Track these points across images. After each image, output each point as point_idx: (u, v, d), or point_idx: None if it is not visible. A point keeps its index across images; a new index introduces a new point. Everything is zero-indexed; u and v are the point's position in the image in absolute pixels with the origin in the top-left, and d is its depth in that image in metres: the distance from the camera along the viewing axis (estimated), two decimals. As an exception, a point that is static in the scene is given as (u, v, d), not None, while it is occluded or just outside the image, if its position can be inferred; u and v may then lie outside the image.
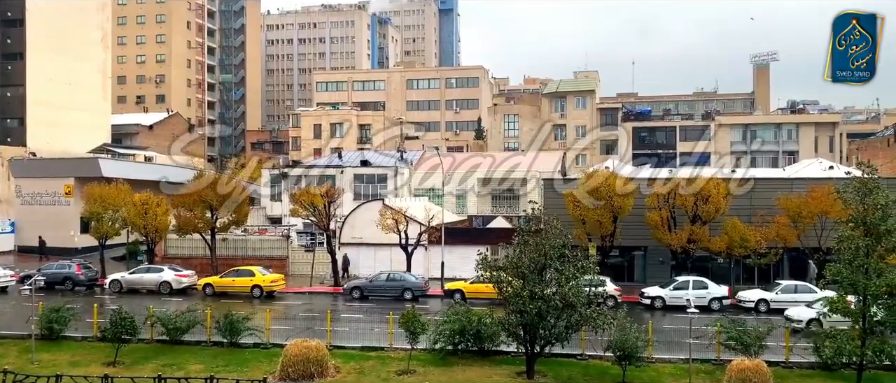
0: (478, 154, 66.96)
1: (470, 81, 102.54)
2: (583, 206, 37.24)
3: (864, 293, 19.30)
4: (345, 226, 45.47)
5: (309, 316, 32.01)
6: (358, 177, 55.31)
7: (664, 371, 22.60)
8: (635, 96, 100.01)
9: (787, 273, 38.83)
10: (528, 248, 21.64)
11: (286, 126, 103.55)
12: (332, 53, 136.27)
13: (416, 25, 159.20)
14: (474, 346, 23.87)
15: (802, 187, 37.78)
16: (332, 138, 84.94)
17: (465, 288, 35.93)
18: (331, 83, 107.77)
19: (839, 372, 21.42)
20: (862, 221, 19.62)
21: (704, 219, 36.98)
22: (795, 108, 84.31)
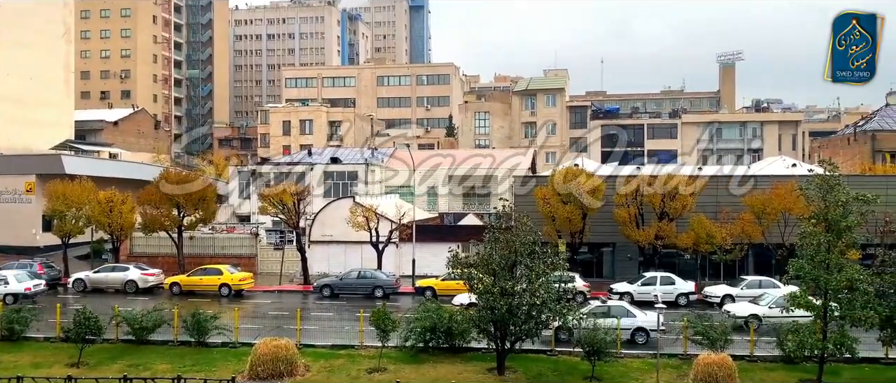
0: (449, 151, 67.04)
1: (441, 78, 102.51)
2: (553, 203, 37.53)
3: (826, 288, 19.76)
4: (315, 223, 45.16)
5: (278, 315, 31.73)
6: (328, 175, 54.93)
7: (633, 365, 22.90)
8: (604, 95, 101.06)
9: (752, 268, 39.60)
10: (498, 245, 21.74)
11: (255, 123, 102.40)
12: (301, 49, 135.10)
13: (386, 22, 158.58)
14: (445, 343, 23.91)
15: (767, 184, 38.55)
16: (302, 135, 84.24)
17: (437, 285, 35.98)
18: (300, 79, 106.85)
19: (801, 365, 21.91)
20: (823, 218, 20.07)
21: (671, 215, 37.53)
22: (760, 107, 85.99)
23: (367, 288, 37.20)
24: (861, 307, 19.49)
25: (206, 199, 42.44)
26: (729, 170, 46.72)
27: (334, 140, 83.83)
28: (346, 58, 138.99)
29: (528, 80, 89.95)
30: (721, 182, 40.61)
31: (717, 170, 47.13)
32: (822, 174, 20.90)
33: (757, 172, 45.38)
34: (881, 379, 21.98)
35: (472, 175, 55.11)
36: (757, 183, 39.34)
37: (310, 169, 54.75)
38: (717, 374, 19.94)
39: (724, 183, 40.55)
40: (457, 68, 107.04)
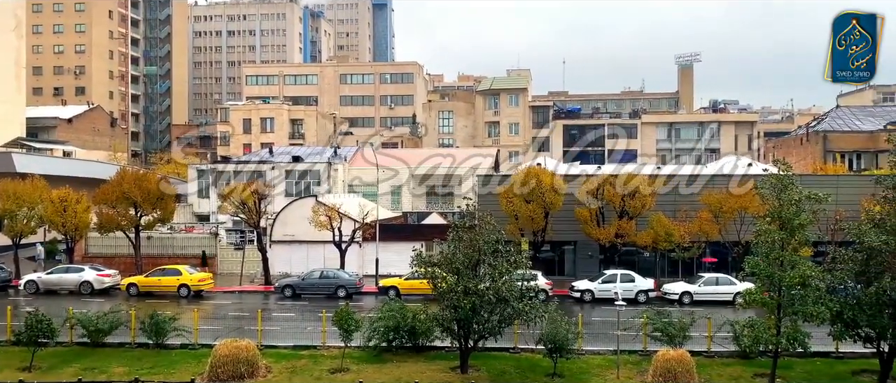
0: (412, 150, 66.94)
1: (405, 77, 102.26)
2: (516, 202, 37.79)
3: (780, 284, 20.29)
4: (276, 223, 44.69)
5: (239, 316, 31.34)
6: (290, 174, 54.38)
7: (593, 362, 23.20)
8: (566, 95, 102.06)
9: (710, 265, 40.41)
10: (462, 244, 21.81)
11: (214, 120, 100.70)
12: (262, 46, 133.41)
13: (349, 20, 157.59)
14: (409, 342, 23.90)
15: (724, 183, 39.39)
16: (263, 133, 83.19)
17: (400, 284, 35.92)
18: (261, 77, 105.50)
19: (756, 360, 22.48)
20: (777, 216, 20.60)
21: (631, 214, 38.11)
22: (717, 108, 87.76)
23: (329, 288, 36.93)
24: (813, 303, 20.06)
25: (165, 199, 41.66)
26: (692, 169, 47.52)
27: (296, 138, 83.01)
28: (309, 55, 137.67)
29: (491, 80, 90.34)
30: (681, 181, 41.33)
31: (674, 170, 48.01)
32: (776, 173, 21.44)
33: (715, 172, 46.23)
34: (831, 372, 22.69)
35: (436, 174, 55.13)
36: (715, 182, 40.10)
37: (271, 167, 54.14)
38: (676, 370, 20.34)
39: (682, 182, 41.28)
40: (421, 67, 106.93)
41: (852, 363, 23.24)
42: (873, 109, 61.97)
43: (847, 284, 21.48)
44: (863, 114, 58.55)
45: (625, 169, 42.21)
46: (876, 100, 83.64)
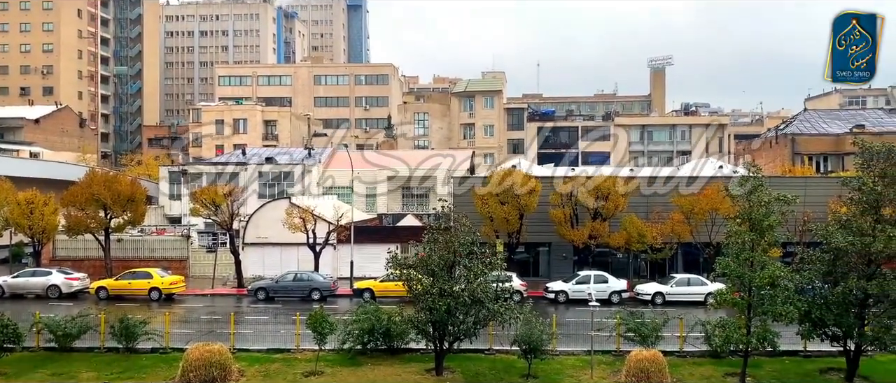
0: (388, 151, 66.78)
1: (380, 78, 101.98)
2: (491, 204, 37.89)
3: (750, 284, 20.62)
4: (249, 225, 44.28)
5: (211, 319, 30.97)
6: (263, 175, 53.93)
7: (567, 363, 23.34)
8: (540, 97, 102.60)
9: (681, 266, 40.95)
10: (437, 246, 21.81)
11: (186, 121, 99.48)
12: (235, 47, 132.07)
13: (323, 21, 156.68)
14: (384, 345, 23.82)
15: (695, 185, 39.90)
16: (236, 134, 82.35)
17: (375, 286, 35.79)
18: (234, 77, 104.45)
19: (727, 359, 22.81)
20: (747, 217, 20.94)
21: (604, 215, 38.45)
22: (688, 110, 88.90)
23: (303, 291, 36.67)
24: (782, 302, 20.43)
25: (135, 200, 41.04)
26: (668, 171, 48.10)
27: (270, 140, 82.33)
28: (282, 56, 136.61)
29: (466, 82, 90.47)
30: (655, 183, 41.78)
31: (653, 172, 48.59)
32: (746, 175, 21.79)
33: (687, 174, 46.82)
34: (800, 371, 23.10)
35: (411, 176, 55.07)
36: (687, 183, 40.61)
37: (244, 169, 53.62)
38: (649, 370, 20.55)
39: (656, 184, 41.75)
40: (396, 68, 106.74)
41: (820, 361, 23.68)
42: (839, 113, 63.28)
43: (815, 284, 21.94)
44: (829, 117, 59.76)
45: (600, 171, 42.58)
46: (842, 103, 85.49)
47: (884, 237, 20.32)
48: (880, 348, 21.39)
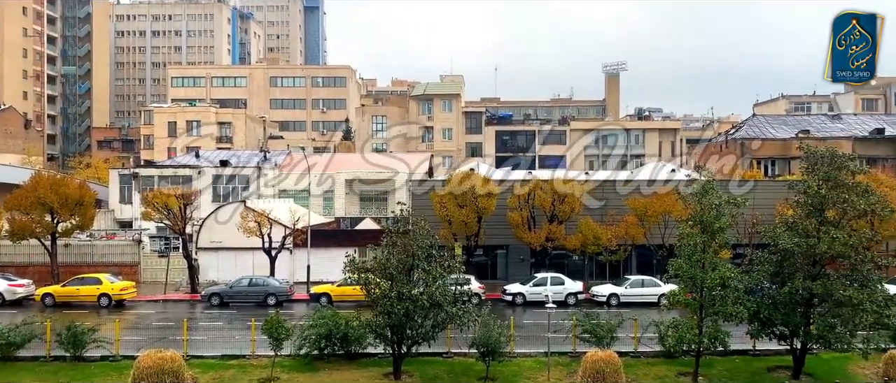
0: (345, 154, 66.34)
1: (337, 81, 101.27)
2: (449, 207, 37.97)
3: (702, 285, 21.13)
4: (203, 229, 43.49)
5: (164, 326, 30.31)
6: (217, 178, 52.97)
7: (525, 364, 23.53)
8: (498, 101, 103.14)
9: (636, 268, 41.69)
10: (396, 249, 21.76)
11: (138, 123, 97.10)
12: (188, 47, 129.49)
13: (280, 22, 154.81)
14: (341, 350, 23.65)
15: (649, 188, 40.67)
16: (189, 137, 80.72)
17: (332, 291, 35.52)
18: (187, 78, 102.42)
19: (680, 359, 23.31)
20: (699, 220, 21.46)
21: (561, 218, 38.91)
22: (642, 115, 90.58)
23: (259, 296, 36.16)
24: (732, 303, 20.99)
25: (84, 204, 39.87)
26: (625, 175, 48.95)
27: (224, 142, 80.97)
28: (237, 57, 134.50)
29: (425, 85, 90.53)
30: (607, 186, 42.47)
31: (607, 175, 49.38)
32: (697, 179, 22.34)
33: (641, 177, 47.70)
34: (749, 369, 23.76)
35: (369, 179, 54.82)
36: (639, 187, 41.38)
37: (198, 172, 52.64)
38: (605, 370, 20.87)
39: (610, 187, 42.45)
40: (353, 71, 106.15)
41: (768, 360, 24.39)
42: (786, 118, 65.28)
43: (763, 285, 22.61)
44: (777, 122, 61.63)
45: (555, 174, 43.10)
46: (788, 109, 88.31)
47: (827, 238, 21.07)
48: (824, 346, 22.15)
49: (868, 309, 20.68)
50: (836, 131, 56.78)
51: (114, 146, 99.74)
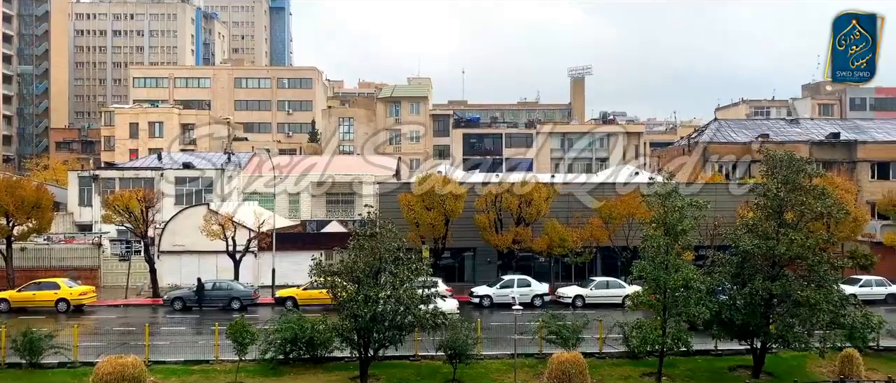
0: (312, 156, 65.78)
1: (303, 82, 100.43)
2: (417, 210, 37.92)
3: (665, 287, 21.46)
4: (165, 232, 42.77)
5: (125, 331, 29.70)
6: (180, 181, 52.07)
7: (492, 366, 23.61)
8: (465, 104, 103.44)
9: (601, 270, 42.13)
10: (363, 252, 21.66)
11: (98, 124, 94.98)
12: (151, 48, 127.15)
13: (245, 22, 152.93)
14: (307, 354, 23.43)
15: (613, 191, 41.18)
16: (151, 138, 79.30)
17: (298, 294, 35.21)
18: (150, 79, 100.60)
19: (644, 360, 23.63)
20: (662, 222, 21.80)
21: (528, 220, 39.15)
22: (606, 119, 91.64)
23: (223, 300, 35.69)
24: (695, 303, 21.37)
25: (41, 207, 38.81)
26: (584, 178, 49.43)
27: (187, 144, 79.68)
28: (201, 58, 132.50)
29: (392, 88, 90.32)
30: (573, 188, 42.84)
31: (573, 178, 49.83)
32: (660, 182, 22.69)
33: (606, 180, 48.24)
34: (711, 368, 24.20)
35: (336, 181, 54.46)
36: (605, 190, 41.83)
37: (160, 174, 51.73)
38: (570, 371, 21.05)
39: (575, 189, 42.81)
40: (320, 72, 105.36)
41: (730, 360, 24.87)
42: (746, 122, 66.68)
43: (725, 286, 23.05)
44: (738, 126, 62.85)
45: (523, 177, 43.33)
46: (748, 114, 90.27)
47: (786, 240, 21.58)
48: (783, 345, 22.68)
49: (825, 308, 21.23)
50: (794, 135, 58.12)
51: (73, 147, 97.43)
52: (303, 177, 53.92)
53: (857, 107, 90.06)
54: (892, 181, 49.60)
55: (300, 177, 53.85)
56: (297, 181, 53.68)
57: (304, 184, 54.03)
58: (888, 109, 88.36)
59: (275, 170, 46.56)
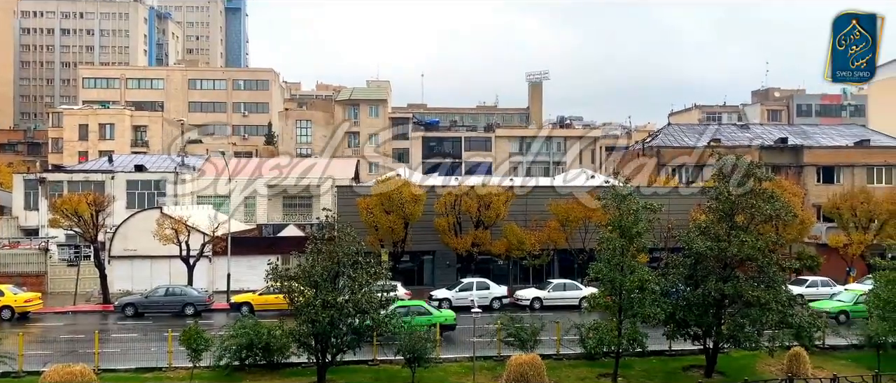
0: (269, 159, 64.90)
1: (260, 84, 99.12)
2: (376, 213, 37.76)
3: (621, 288, 21.79)
4: (116, 237, 41.69)
5: (73, 338, 28.81)
6: (132, 184, 50.78)
7: (451, 369, 23.62)
8: (425, 107, 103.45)
9: (558, 272, 42.56)
10: (321, 257, 21.44)
11: (45, 126, 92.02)
12: (102, 47, 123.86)
13: (200, 22, 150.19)
14: (263, 360, 23.09)
15: (570, 194, 41.63)
16: (102, 140, 77.20)
17: (254, 300, 34.68)
18: (100, 79, 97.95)
19: (600, 361, 23.95)
20: (618, 225, 22.14)
21: (486, 224, 39.34)
22: (563, 123, 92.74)
23: (176, 306, 34.94)
24: (650, 305, 21.75)
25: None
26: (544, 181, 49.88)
27: (140, 146, 77.81)
28: (154, 58, 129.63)
29: (351, 90, 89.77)
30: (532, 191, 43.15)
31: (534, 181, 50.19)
32: (616, 185, 23.06)
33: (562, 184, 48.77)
34: (666, 368, 24.65)
35: (294, 184, 53.81)
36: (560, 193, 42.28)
37: (111, 177, 50.37)
38: (528, 373, 21.20)
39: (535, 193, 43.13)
40: (276, 74, 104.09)
41: (683, 359, 25.37)
42: (698, 127, 68.14)
43: (678, 287, 23.52)
44: (690, 131, 64.26)
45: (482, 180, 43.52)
46: (701, 118, 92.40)
47: (737, 242, 22.14)
48: (735, 345, 23.25)
49: (774, 308, 21.85)
50: (744, 140, 59.63)
51: (18, 149, 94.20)
52: (259, 180, 53.16)
53: (804, 113, 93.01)
54: (836, 185, 51.33)
55: (256, 179, 53.07)
56: (253, 184, 52.89)
57: (261, 186, 53.28)
58: (832, 115, 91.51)
59: (230, 172, 45.78)
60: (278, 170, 55.29)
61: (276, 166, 56.73)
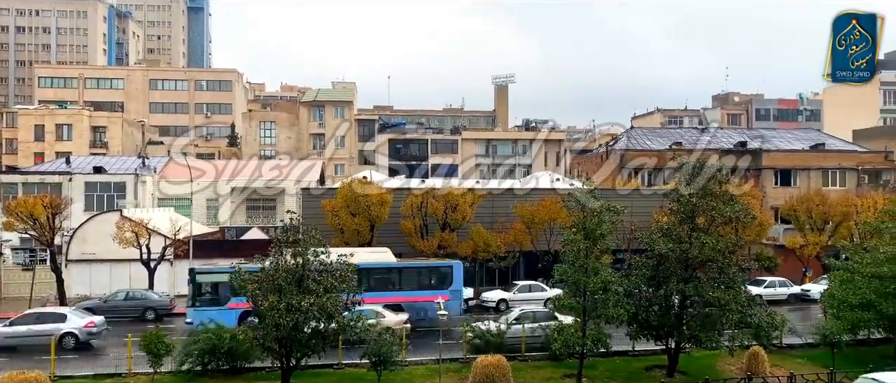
0: (232, 160, 64.05)
1: (223, 85, 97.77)
2: (341, 216, 37.51)
3: (585, 289, 22.02)
4: (74, 240, 40.70)
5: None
6: (90, 186, 49.66)
7: (417, 372, 23.58)
8: (391, 109, 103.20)
9: (524, 274, 42.80)
10: (285, 260, 21.18)
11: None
12: (59, 46, 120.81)
13: (161, 22, 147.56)
14: (226, 365, 22.77)
15: (535, 197, 41.95)
16: (59, 141, 75.31)
17: (217, 303, 34.09)
18: (57, 79, 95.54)
19: (565, 362, 24.16)
20: (582, 227, 22.38)
21: (453, 226, 39.39)
22: (529, 126, 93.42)
23: (136, 311, 34.33)
24: (613, 306, 22.02)
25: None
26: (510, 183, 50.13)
27: (98, 147, 76.10)
28: (114, 58, 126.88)
29: (316, 91, 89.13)
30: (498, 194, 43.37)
31: (498, 183, 50.44)
32: (580, 187, 23.30)
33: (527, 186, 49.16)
34: (629, 368, 24.98)
35: (258, 186, 53.18)
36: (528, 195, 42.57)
37: (69, 179, 49.17)
38: (494, 375, 21.29)
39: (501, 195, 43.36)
40: (240, 75, 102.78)
41: (646, 360, 25.74)
42: (661, 131, 69.32)
43: (641, 288, 23.86)
44: (653, 135, 65.29)
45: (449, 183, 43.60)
46: (663, 122, 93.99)
47: (698, 243, 22.55)
48: (696, 345, 23.67)
49: (733, 309, 22.31)
50: (705, 143, 60.83)
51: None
52: (222, 181, 52.43)
53: (762, 118, 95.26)
54: (793, 187, 52.64)
55: (219, 181, 52.33)
56: (215, 186, 52.14)
57: (224, 189, 52.55)
58: (789, 119, 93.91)
59: (192, 174, 45.04)
60: (242, 171, 54.61)
61: (242, 168, 56.05)
